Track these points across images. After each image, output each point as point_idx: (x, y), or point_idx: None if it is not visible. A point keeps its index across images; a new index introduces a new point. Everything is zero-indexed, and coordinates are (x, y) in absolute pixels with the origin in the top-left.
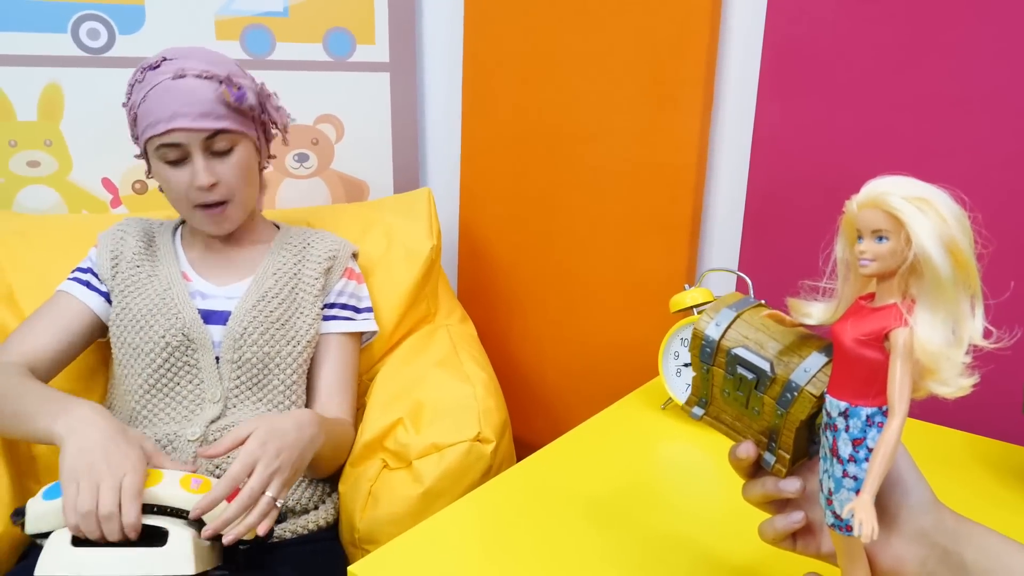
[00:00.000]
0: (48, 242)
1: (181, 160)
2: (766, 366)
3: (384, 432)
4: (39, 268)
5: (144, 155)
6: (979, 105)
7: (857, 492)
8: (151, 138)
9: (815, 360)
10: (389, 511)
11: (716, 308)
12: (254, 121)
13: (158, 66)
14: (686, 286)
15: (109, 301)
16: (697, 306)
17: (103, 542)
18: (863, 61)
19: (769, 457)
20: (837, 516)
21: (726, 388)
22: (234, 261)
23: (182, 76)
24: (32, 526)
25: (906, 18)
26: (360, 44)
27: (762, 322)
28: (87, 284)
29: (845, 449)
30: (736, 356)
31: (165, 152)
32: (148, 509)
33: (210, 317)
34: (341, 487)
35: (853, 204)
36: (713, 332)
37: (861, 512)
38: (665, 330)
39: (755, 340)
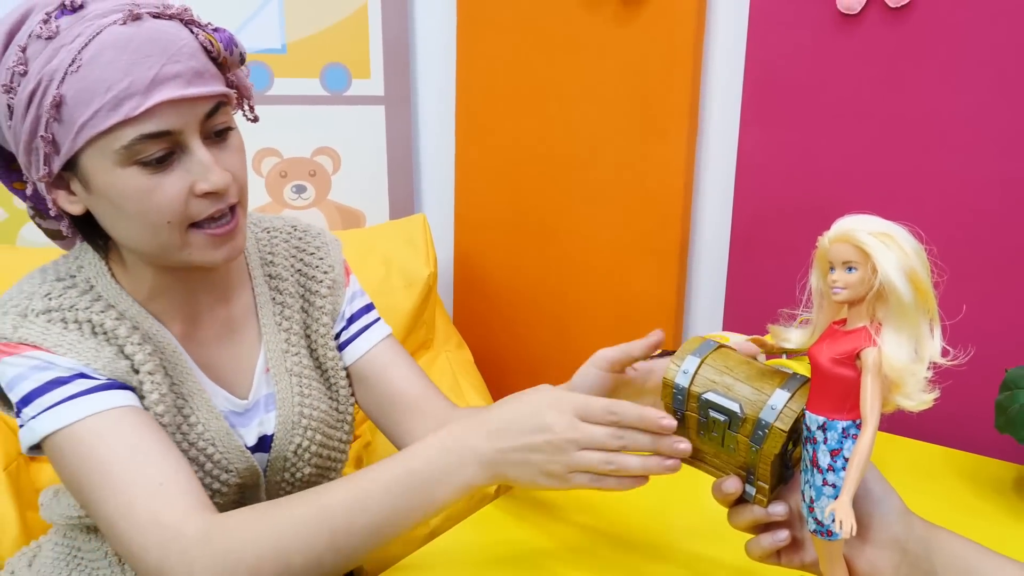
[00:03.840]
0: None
1: (165, 158)
2: (736, 407)
3: None
4: None
5: (62, 175)
6: (942, 141)
7: (836, 498)
8: (111, 130)
9: (779, 397)
10: (394, 552)
11: (681, 356)
12: (230, 85)
13: (79, 7)
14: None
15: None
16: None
17: None
18: (840, 92)
19: (750, 489)
20: (819, 522)
21: (701, 430)
22: (227, 325)
23: (138, 17)
24: None
25: (881, 53)
26: (356, 79)
27: (725, 364)
28: (105, 386)
29: (824, 460)
30: (707, 401)
31: (142, 148)
32: None
33: (251, 446)
34: None
35: (825, 239)
36: (682, 380)
37: (841, 512)
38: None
39: (722, 383)
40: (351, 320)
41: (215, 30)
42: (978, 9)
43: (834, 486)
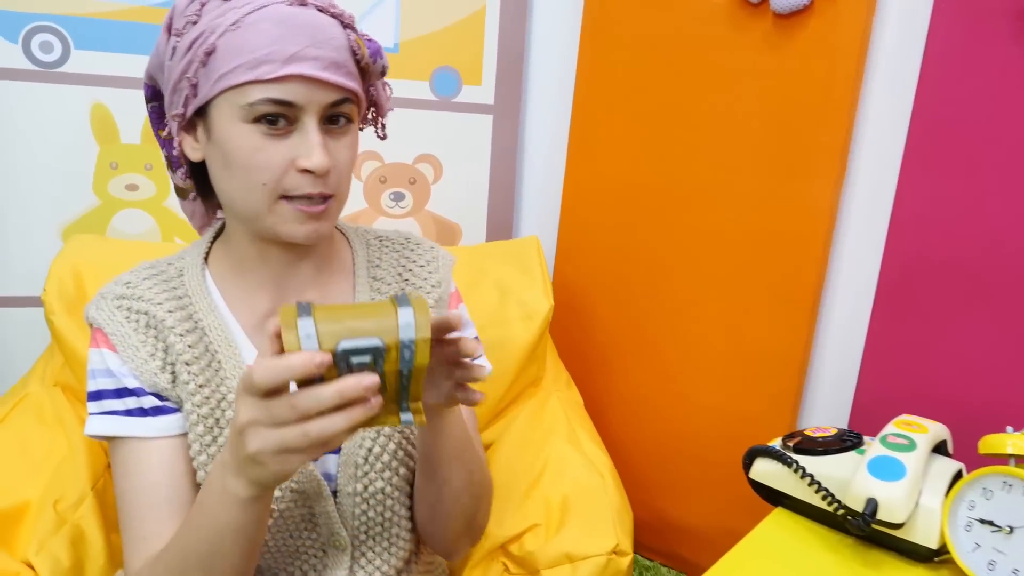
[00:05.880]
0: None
1: (281, 127)
2: (377, 342)
3: (514, 538)
4: None
5: (194, 120)
6: None
7: None
8: (245, 85)
9: (405, 315)
10: None
11: (290, 324)
12: (367, 94)
13: None
14: (1008, 429)
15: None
16: (1017, 456)
17: None
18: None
19: (407, 417)
20: None
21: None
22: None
23: (303, 4)
24: None
25: None
26: (466, 85)
27: (332, 314)
28: (142, 411)
29: None
30: (345, 351)
31: (262, 109)
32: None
33: None
34: None
35: None
36: (310, 344)
37: None
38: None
39: (348, 328)
40: None
41: (369, 40)
42: None
43: None
